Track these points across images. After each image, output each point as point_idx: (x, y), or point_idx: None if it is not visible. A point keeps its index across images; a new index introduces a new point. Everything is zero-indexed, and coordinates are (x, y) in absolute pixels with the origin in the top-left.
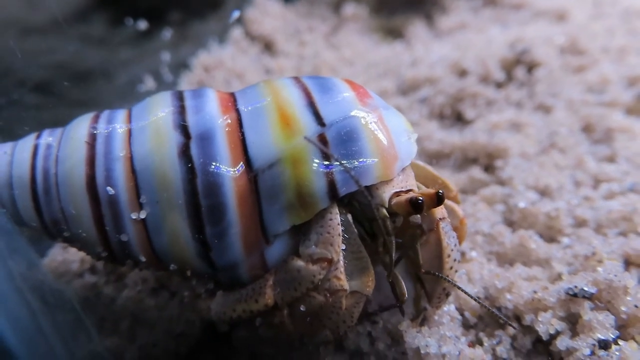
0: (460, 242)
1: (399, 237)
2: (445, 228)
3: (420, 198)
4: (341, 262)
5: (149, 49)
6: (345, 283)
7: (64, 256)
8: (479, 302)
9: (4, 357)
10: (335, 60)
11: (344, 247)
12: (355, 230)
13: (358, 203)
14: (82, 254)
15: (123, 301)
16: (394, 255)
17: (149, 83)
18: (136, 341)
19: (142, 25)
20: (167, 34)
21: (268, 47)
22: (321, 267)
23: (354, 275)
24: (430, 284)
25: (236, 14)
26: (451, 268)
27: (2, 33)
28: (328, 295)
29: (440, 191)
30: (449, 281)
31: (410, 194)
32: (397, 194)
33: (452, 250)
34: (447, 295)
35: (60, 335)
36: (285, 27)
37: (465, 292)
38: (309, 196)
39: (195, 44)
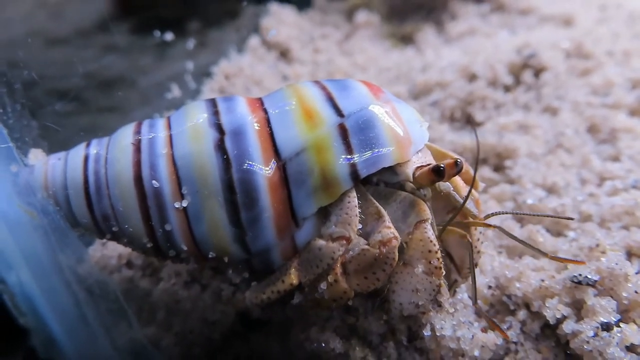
0: None
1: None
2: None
3: (442, 165)
4: (386, 217)
5: (170, 57)
6: (395, 231)
7: (103, 252)
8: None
9: (49, 345)
10: (348, 66)
11: (360, 226)
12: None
13: (385, 184)
14: (119, 250)
15: (158, 293)
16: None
17: (175, 91)
18: (172, 329)
19: (169, 36)
20: (191, 43)
21: (284, 54)
22: (340, 244)
23: (408, 212)
24: (459, 257)
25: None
26: (478, 239)
27: (29, 44)
28: (381, 246)
29: (459, 159)
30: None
31: (432, 164)
32: (420, 167)
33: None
34: (475, 265)
35: (103, 323)
36: (300, 35)
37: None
38: (333, 179)
39: (214, 52)
